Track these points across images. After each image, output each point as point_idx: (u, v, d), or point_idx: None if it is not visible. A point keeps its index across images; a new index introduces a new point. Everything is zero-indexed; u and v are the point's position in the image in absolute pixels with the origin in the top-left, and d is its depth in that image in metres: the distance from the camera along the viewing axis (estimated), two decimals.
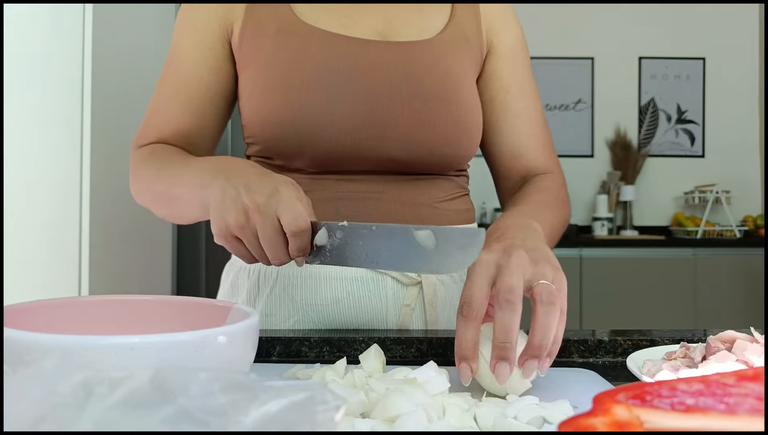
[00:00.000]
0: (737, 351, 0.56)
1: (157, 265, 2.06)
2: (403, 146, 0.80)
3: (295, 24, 0.82)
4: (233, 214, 0.60)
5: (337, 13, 0.84)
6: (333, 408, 0.33)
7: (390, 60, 0.82)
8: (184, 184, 0.71)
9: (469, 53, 0.88)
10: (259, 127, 0.80)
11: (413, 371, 0.54)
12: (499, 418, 0.47)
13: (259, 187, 0.60)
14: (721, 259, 3.33)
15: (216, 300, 0.58)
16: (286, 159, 0.81)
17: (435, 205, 0.85)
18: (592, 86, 3.93)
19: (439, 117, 0.81)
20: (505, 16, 0.93)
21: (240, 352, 0.46)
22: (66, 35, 1.56)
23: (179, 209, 0.75)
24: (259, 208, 0.59)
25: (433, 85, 0.82)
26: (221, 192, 0.62)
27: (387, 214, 0.81)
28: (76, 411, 0.29)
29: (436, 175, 0.85)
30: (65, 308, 0.56)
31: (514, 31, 0.93)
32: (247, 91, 0.83)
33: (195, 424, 0.29)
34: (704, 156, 3.93)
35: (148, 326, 0.57)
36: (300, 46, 0.80)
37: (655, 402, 0.32)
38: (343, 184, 0.82)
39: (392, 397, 0.46)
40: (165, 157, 0.80)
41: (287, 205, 0.59)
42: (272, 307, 0.82)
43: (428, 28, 0.86)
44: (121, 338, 0.40)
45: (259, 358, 0.69)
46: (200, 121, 0.85)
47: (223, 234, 0.62)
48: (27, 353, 0.40)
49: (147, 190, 0.81)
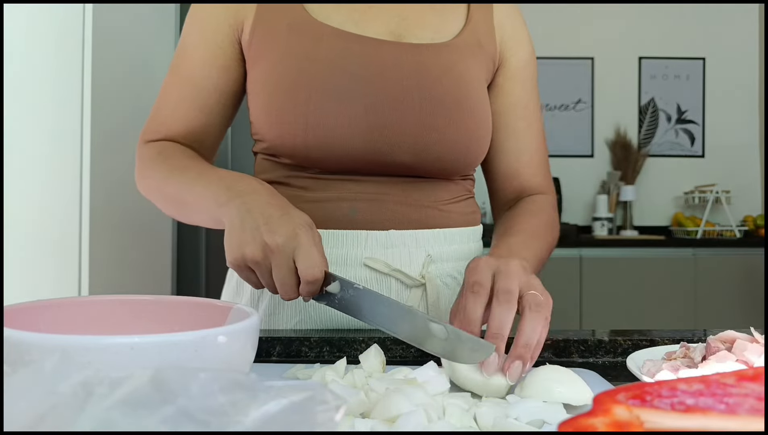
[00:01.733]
0: (737, 351, 0.56)
1: (157, 265, 2.06)
2: (412, 150, 0.80)
3: (307, 21, 0.81)
4: (251, 249, 0.62)
5: (349, 10, 0.83)
6: (333, 408, 0.33)
7: (403, 62, 0.80)
8: (198, 195, 0.73)
9: (482, 60, 0.87)
10: (268, 126, 0.80)
11: (413, 371, 0.54)
12: (499, 418, 0.47)
13: (279, 227, 0.62)
14: (721, 259, 3.33)
15: (216, 300, 0.58)
16: (293, 158, 0.81)
17: (440, 208, 0.84)
18: (592, 86, 3.93)
19: (449, 123, 0.81)
20: (519, 32, 0.92)
21: (240, 352, 0.46)
22: (66, 35, 1.56)
23: (188, 214, 0.78)
24: (277, 249, 0.61)
25: (446, 90, 0.81)
26: (240, 220, 0.64)
27: (392, 215, 0.81)
28: (76, 411, 0.29)
29: (441, 179, 0.85)
30: (65, 308, 0.56)
31: (527, 48, 0.93)
32: (256, 89, 0.82)
33: (195, 424, 0.29)
34: (704, 156, 3.93)
35: (149, 326, 0.57)
36: (311, 44, 0.79)
37: (655, 402, 0.32)
38: (349, 185, 0.81)
39: (392, 397, 0.46)
40: (176, 160, 0.80)
41: (305, 252, 0.61)
42: (275, 307, 0.82)
43: (444, 30, 0.85)
44: (121, 338, 0.40)
45: (259, 358, 0.70)
46: (208, 120, 0.86)
47: (238, 263, 0.64)
48: (27, 353, 0.40)
49: (156, 190, 0.82)
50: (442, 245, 0.83)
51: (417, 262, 0.81)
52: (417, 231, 0.82)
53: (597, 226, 3.67)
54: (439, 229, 0.83)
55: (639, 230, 3.75)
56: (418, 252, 0.81)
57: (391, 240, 0.80)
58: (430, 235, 0.82)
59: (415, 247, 0.81)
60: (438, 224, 0.83)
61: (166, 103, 0.86)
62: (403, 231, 0.81)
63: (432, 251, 0.82)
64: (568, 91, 3.93)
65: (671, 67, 3.92)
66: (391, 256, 0.81)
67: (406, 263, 0.81)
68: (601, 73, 3.93)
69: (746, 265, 3.31)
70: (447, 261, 0.84)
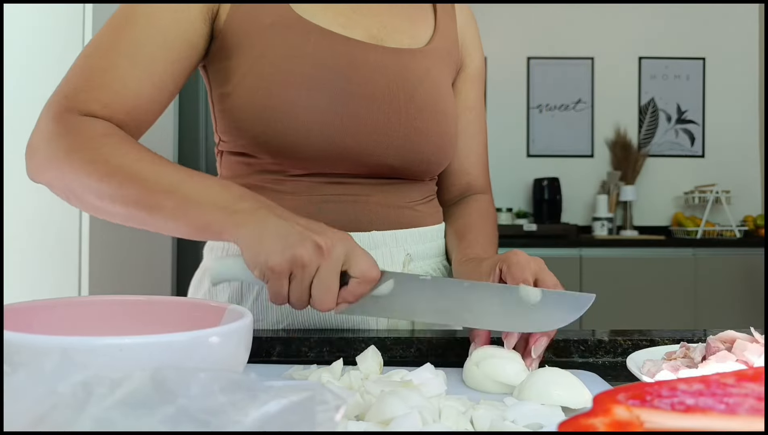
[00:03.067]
0: (737, 351, 0.56)
1: (157, 265, 2.06)
2: (399, 153, 0.81)
3: (292, 18, 0.78)
4: (307, 249, 0.56)
5: (334, 11, 0.82)
6: (333, 408, 0.33)
7: (388, 65, 0.81)
8: (191, 199, 0.61)
9: (450, 66, 0.92)
10: (250, 123, 0.76)
11: (410, 373, 0.54)
12: (496, 420, 0.46)
13: (325, 230, 0.59)
14: (721, 259, 3.33)
15: (212, 301, 0.58)
16: (276, 157, 0.78)
17: (414, 208, 0.87)
18: (592, 86, 3.93)
19: (431, 126, 0.83)
20: (476, 37, 0.98)
21: (232, 353, 0.46)
22: (66, 35, 1.56)
23: (153, 219, 0.63)
24: (329, 251, 0.57)
25: (426, 94, 0.83)
26: (274, 226, 0.58)
27: (373, 216, 0.82)
28: (76, 411, 0.29)
29: (414, 180, 0.87)
30: (64, 308, 0.56)
31: (481, 54, 0.99)
32: (233, 83, 0.77)
33: (195, 424, 0.29)
34: (704, 156, 3.93)
35: (147, 326, 0.56)
36: (297, 41, 0.77)
37: (655, 402, 0.32)
38: (330, 187, 0.80)
39: (387, 400, 0.45)
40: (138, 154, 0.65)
41: (360, 252, 0.59)
42: (259, 313, 0.81)
43: (417, 37, 0.88)
44: (110, 339, 0.40)
45: (258, 358, 0.70)
46: (157, 97, 0.73)
47: (281, 268, 0.56)
48: (26, 354, 0.39)
49: (96, 183, 0.63)
50: (418, 243, 0.86)
51: (398, 262, 0.83)
52: (396, 231, 0.83)
53: (597, 226, 3.67)
54: (414, 228, 0.86)
55: (639, 230, 3.75)
56: (398, 251, 0.83)
57: (374, 241, 0.81)
58: (408, 235, 0.84)
59: (395, 247, 0.83)
60: (413, 224, 0.86)
61: (109, 64, 0.70)
62: (384, 232, 0.82)
63: (410, 250, 0.84)
64: (568, 91, 3.93)
65: (671, 67, 3.92)
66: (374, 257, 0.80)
67: (388, 263, 0.82)
68: (601, 73, 3.93)
69: (746, 265, 3.31)
70: (424, 259, 0.86)
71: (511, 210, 3.72)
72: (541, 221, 3.67)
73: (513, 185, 3.86)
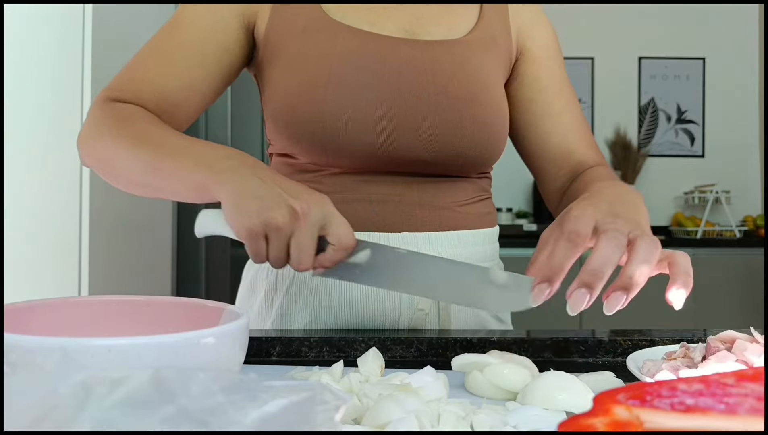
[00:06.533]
0: (737, 351, 0.56)
1: (157, 265, 2.06)
2: (430, 147, 0.79)
3: (323, 20, 0.81)
4: (276, 214, 0.58)
5: (364, 10, 0.83)
6: (333, 408, 0.33)
7: (418, 59, 0.81)
8: (186, 159, 0.65)
9: (496, 55, 0.87)
10: (285, 124, 0.79)
11: (409, 376, 0.53)
12: (497, 426, 0.45)
13: (303, 193, 0.60)
14: (721, 259, 3.33)
15: (208, 301, 0.57)
16: (310, 156, 0.80)
17: (455, 209, 0.83)
18: (592, 86, 3.93)
19: (465, 118, 0.80)
20: (535, 17, 0.93)
21: (227, 354, 0.45)
22: (66, 35, 1.56)
23: (163, 183, 0.68)
24: (304, 215, 0.59)
25: (461, 85, 0.81)
26: (253, 187, 0.59)
27: (406, 217, 0.81)
28: (76, 411, 0.29)
29: (458, 177, 0.84)
30: (64, 308, 0.56)
31: (546, 31, 0.93)
32: (271, 86, 0.82)
33: (195, 424, 0.29)
34: (704, 156, 3.93)
35: (145, 327, 0.56)
36: (327, 42, 0.80)
37: (655, 402, 0.32)
38: (364, 186, 0.81)
39: (384, 404, 0.45)
40: (152, 124, 0.73)
41: (338, 219, 0.61)
42: (288, 307, 0.82)
43: (456, 27, 0.86)
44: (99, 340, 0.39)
45: (259, 358, 0.70)
46: (186, 93, 0.79)
47: (256, 230, 0.58)
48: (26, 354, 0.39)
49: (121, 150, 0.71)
50: (456, 247, 0.82)
51: None
52: (430, 233, 0.81)
53: None
54: (452, 231, 0.82)
55: None
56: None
57: (404, 242, 0.80)
58: (444, 238, 0.82)
59: (428, 250, 0.80)
60: (451, 226, 0.82)
61: (146, 64, 0.80)
62: (416, 233, 0.80)
63: (444, 254, 0.81)
64: None
65: (671, 67, 3.92)
66: None
67: None
68: (601, 73, 3.93)
69: (746, 265, 3.31)
70: None
71: (511, 210, 3.72)
72: (541, 221, 3.67)
73: (513, 185, 3.86)
